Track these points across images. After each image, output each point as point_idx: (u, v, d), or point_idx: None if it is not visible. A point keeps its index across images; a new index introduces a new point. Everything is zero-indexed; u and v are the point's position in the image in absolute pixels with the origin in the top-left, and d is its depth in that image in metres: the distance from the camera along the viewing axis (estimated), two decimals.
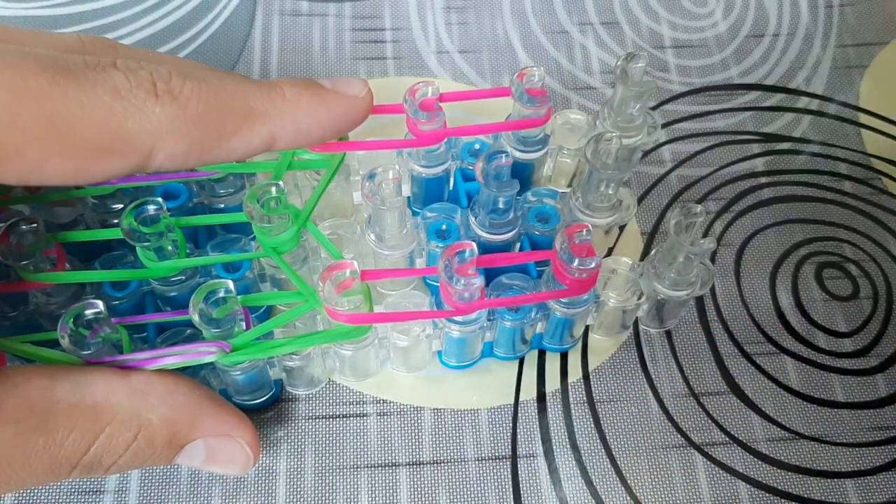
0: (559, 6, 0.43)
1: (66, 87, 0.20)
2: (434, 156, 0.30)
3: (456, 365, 0.32)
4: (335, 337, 0.27)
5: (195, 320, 0.24)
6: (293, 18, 0.42)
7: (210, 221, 0.30)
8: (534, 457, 0.30)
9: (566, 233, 0.26)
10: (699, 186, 0.37)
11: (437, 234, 0.30)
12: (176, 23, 0.41)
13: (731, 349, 0.33)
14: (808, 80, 0.41)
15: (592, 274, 0.26)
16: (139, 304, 0.29)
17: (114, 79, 0.20)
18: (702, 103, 0.40)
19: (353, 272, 0.25)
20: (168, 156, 0.21)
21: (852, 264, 0.35)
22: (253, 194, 0.26)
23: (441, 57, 0.41)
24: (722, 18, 0.43)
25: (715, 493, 0.30)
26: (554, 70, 0.41)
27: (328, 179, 0.28)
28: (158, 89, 0.21)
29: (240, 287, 0.29)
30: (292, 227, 0.27)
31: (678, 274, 0.29)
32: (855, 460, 0.31)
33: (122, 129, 0.20)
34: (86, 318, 0.24)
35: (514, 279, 0.29)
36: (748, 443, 0.31)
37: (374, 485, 0.30)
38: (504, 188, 0.27)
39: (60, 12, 0.41)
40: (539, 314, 0.29)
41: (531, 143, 0.31)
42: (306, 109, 0.23)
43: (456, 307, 0.26)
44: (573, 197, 0.31)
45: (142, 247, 0.27)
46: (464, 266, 0.25)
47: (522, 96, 0.29)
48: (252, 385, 0.29)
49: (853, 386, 0.32)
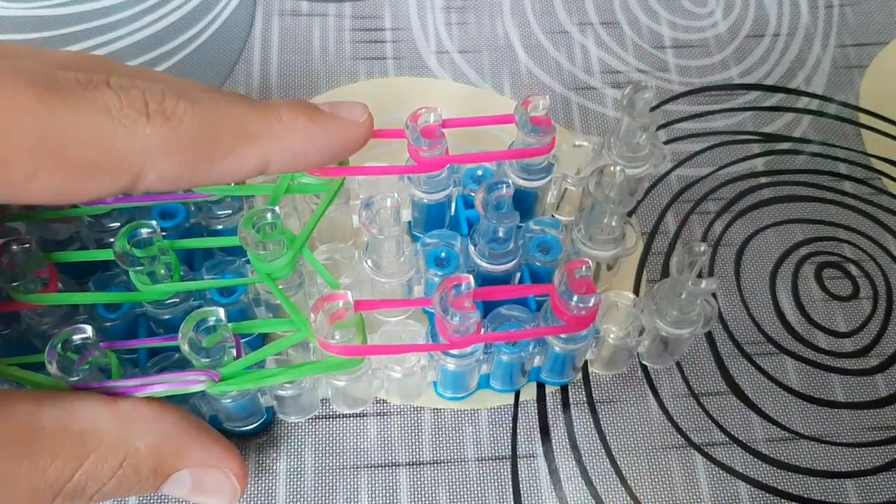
0: (559, 6, 0.43)
1: (55, 103, 0.19)
2: (436, 182, 0.30)
3: (452, 396, 0.31)
4: (328, 368, 0.26)
5: (184, 350, 0.24)
6: (293, 18, 0.42)
7: (205, 245, 0.29)
8: (534, 457, 0.30)
9: (565, 268, 0.25)
10: (699, 186, 0.37)
11: (436, 262, 0.30)
12: (176, 23, 0.41)
13: (731, 349, 0.33)
14: (808, 80, 0.41)
15: (592, 311, 0.25)
16: (132, 325, 0.29)
17: (105, 97, 0.20)
18: (702, 103, 0.40)
19: (347, 303, 0.24)
20: (159, 177, 0.21)
21: (852, 264, 0.35)
22: (248, 219, 0.26)
23: (441, 57, 0.41)
24: (722, 18, 0.43)
25: (715, 493, 0.30)
26: (554, 70, 0.41)
27: (326, 205, 0.28)
28: (150, 109, 0.21)
29: (234, 311, 0.29)
30: (287, 254, 0.26)
31: (680, 311, 0.28)
32: (855, 460, 0.31)
33: (111, 148, 0.20)
34: (74, 343, 0.23)
35: (512, 310, 0.28)
36: (748, 443, 0.31)
37: (374, 485, 0.30)
38: (504, 219, 0.27)
39: (60, 12, 0.41)
40: (537, 348, 0.29)
41: (534, 171, 0.30)
42: (303, 133, 0.23)
43: (451, 341, 0.25)
44: (575, 228, 0.30)
45: (134, 271, 0.26)
46: (460, 299, 0.24)
47: (526, 125, 0.28)
48: (243, 412, 0.28)
49: (853, 386, 0.32)
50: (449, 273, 0.29)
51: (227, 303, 0.28)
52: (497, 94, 0.40)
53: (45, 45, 0.40)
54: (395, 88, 0.40)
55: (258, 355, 0.25)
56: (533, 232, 0.30)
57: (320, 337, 0.24)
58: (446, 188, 0.30)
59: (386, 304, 0.29)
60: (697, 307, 0.28)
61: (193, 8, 0.42)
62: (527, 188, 0.30)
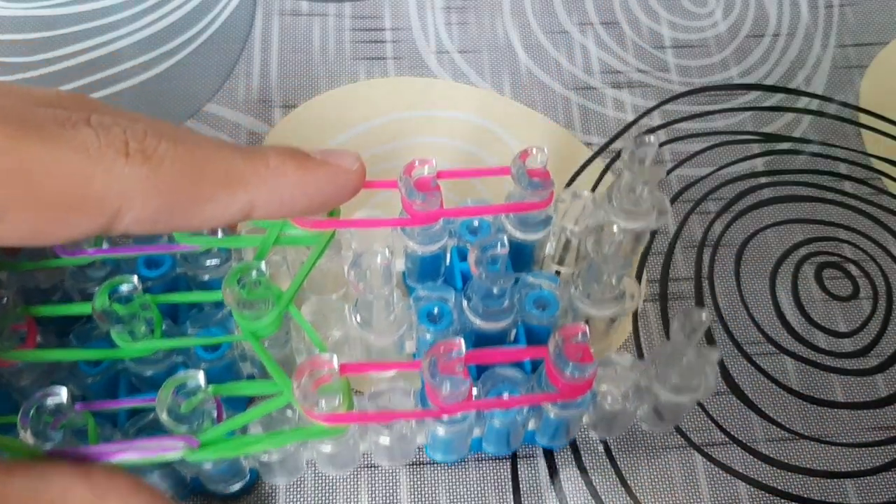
0: (559, 6, 0.43)
1: (29, 141, 0.19)
2: (430, 233, 0.29)
3: (443, 459, 0.30)
4: (312, 435, 0.25)
5: (163, 419, 0.23)
6: (293, 18, 0.42)
7: (189, 300, 0.28)
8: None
9: (561, 333, 0.24)
10: (699, 186, 0.37)
11: (429, 318, 0.28)
12: (176, 23, 0.41)
13: (731, 349, 0.33)
14: (808, 80, 0.41)
15: (588, 380, 0.24)
16: (113, 380, 0.28)
17: (83, 135, 0.20)
18: (702, 103, 0.40)
19: (332, 370, 0.23)
20: (136, 218, 0.20)
21: (852, 264, 0.35)
22: (233, 276, 0.25)
23: (441, 57, 0.41)
24: (722, 18, 0.43)
25: (715, 493, 0.30)
26: (554, 70, 0.41)
27: (314, 260, 0.27)
28: (130, 148, 0.20)
29: (219, 367, 0.28)
30: (272, 312, 0.25)
31: (681, 378, 0.26)
32: (855, 460, 0.31)
33: (88, 187, 0.19)
34: (48, 407, 0.23)
35: (506, 371, 0.27)
36: (748, 443, 0.31)
37: (374, 485, 0.30)
38: (499, 279, 0.26)
39: (60, 12, 0.41)
40: (531, 413, 0.28)
41: (532, 224, 0.29)
42: (291, 179, 0.22)
43: (441, 407, 0.24)
44: (573, 285, 0.29)
45: (115, 330, 0.25)
46: (451, 363, 0.23)
47: (523, 178, 0.27)
48: (225, 474, 0.28)
49: (853, 386, 0.32)
50: (441, 329, 0.28)
51: (211, 359, 0.28)
52: (497, 94, 0.40)
53: (46, 45, 0.40)
54: (395, 88, 0.40)
55: (239, 420, 0.24)
56: (530, 285, 0.29)
57: (304, 405, 0.23)
58: (441, 240, 0.29)
59: (373, 368, 0.28)
60: (699, 374, 0.27)
61: (193, 8, 0.42)
62: (524, 241, 0.30)
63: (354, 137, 0.38)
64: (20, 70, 0.39)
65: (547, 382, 0.25)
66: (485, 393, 0.27)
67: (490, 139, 0.38)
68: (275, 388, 0.25)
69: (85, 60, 0.40)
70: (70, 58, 0.40)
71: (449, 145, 0.38)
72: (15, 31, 0.41)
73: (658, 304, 0.34)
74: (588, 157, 0.38)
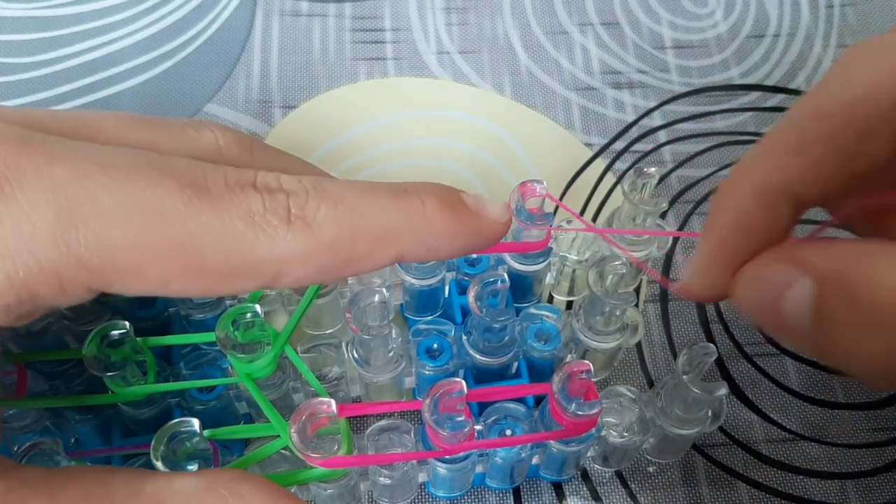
0: (559, 6, 0.43)
1: (201, 209, 0.19)
2: (427, 267, 0.29)
3: (445, 496, 0.30)
4: (310, 478, 0.24)
5: (158, 467, 0.22)
6: (293, 19, 0.42)
7: (182, 342, 0.28)
8: None
9: (565, 371, 0.24)
10: (700, 187, 0.37)
11: (428, 353, 0.28)
12: (176, 23, 0.41)
13: (731, 349, 0.33)
14: (809, 81, 0.41)
15: (593, 417, 0.24)
16: (106, 424, 0.28)
17: (249, 201, 0.20)
18: (702, 104, 0.40)
19: (329, 413, 0.22)
20: (294, 280, 0.21)
21: None
22: (227, 318, 0.24)
23: (441, 57, 0.41)
24: (722, 19, 0.43)
25: (715, 493, 0.30)
26: (554, 70, 0.41)
27: (308, 301, 0.26)
28: (292, 215, 0.20)
29: (214, 409, 0.28)
30: (268, 354, 0.25)
31: (686, 412, 0.26)
32: (855, 461, 0.31)
33: (250, 255, 0.20)
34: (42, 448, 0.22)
35: (508, 405, 0.27)
36: (748, 443, 0.31)
37: None
38: (499, 316, 0.26)
39: (60, 13, 0.41)
40: (535, 449, 0.27)
41: (531, 256, 0.29)
42: (442, 228, 0.22)
43: (443, 447, 0.24)
44: (575, 317, 0.28)
45: (107, 376, 0.25)
46: (451, 402, 0.23)
47: (521, 212, 0.26)
48: None
49: (853, 386, 0.32)
50: (441, 366, 0.28)
51: (207, 399, 0.27)
52: (497, 94, 0.40)
53: (46, 45, 0.40)
54: (396, 89, 0.40)
55: (235, 465, 0.24)
56: (531, 317, 0.29)
57: (301, 450, 0.22)
58: (437, 274, 0.29)
59: (373, 409, 0.27)
60: (704, 408, 0.26)
61: (193, 8, 0.42)
62: (524, 272, 0.29)
63: (354, 138, 0.38)
64: (20, 70, 0.39)
65: (551, 418, 0.25)
66: (487, 428, 0.26)
67: (491, 140, 0.38)
68: (272, 430, 0.24)
69: (85, 61, 0.40)
70: (70, 58, 0.40)
71: (449, 146, 0.38)
72: (15, 31, 0.41)
73: (658, 305, 0.34)
74: (588, 157, 0.38)
